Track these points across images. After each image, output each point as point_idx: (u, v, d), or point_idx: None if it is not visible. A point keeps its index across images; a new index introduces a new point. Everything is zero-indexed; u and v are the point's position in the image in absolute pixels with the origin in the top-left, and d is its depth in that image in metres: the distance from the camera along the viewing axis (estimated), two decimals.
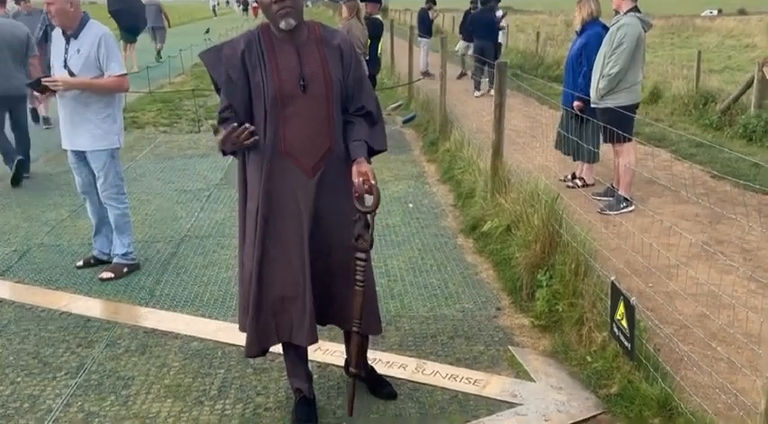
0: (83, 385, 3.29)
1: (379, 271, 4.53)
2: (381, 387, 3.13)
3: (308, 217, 2.68)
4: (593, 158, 6.15)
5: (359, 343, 2.82)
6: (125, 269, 4.55)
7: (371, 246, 2.70)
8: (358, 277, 2.70)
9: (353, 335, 2.79)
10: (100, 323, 3.91)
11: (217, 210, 5.98)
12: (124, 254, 4.58)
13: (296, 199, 2.69)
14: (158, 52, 17.68)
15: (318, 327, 2.87)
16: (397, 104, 10.93)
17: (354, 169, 2.67)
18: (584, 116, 5.73)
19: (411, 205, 6.06)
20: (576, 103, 5.87)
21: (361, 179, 2.63)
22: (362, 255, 2.69)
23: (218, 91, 2.74)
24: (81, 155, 4.42)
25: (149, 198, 6.37)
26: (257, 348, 2.85)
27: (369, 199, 2.66)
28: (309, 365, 3.13)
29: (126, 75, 4.35)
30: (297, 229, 2.70)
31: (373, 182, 2.63)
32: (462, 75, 13.89)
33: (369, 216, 2.66)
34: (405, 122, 9.72)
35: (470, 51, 12.76)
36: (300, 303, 2.73)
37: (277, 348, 3.02)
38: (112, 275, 4.50)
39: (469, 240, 5.15)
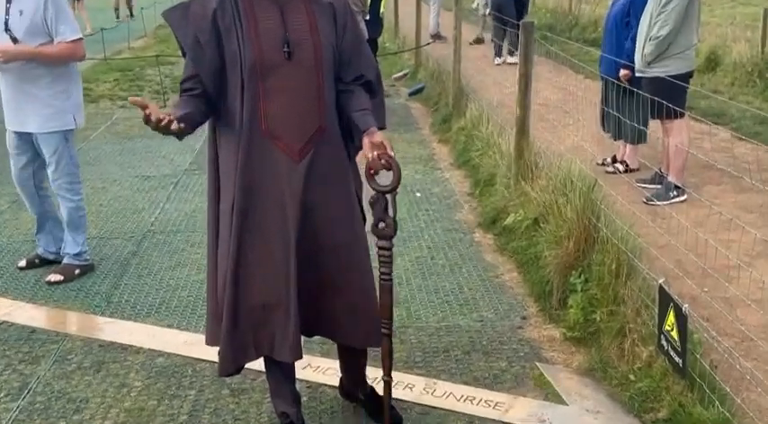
0: (27, 409, 3.30)
1: None
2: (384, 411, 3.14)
3: (295, 210, 2.68)
4: (638, 138, 6.14)
5: (388, 349, 2.86)
6: (77, 271, 4.56)
7: (396, 232, 2.71)
8: (383, 270, 2.74)
9: (384, 339, 2.84)
10: (47, 335, 3.92)
11: (186, 200, 5.99)
12: (77, 254, 4.59)
13: (280, 188, 2.68)
14: (130, 11, 17.88)
15: (307, 340, 2.88)
16: (402, 73, 10.93)
17: (366, 141, 2.66)
18: (630, 87, 5.71)
19: (419, 194, 6.07)
20: (622, 72, 5.85)
21: (376, 153, 2.62)
22: (386, 243, 2.71)
23: (184, 55, 2.73)
24: (27, 138, 4.42)
25: (105, 185, 6.38)
26: (233, 365, 2.85)
27: (387, 176, 2.65)
28: (297, 385, 3.14)
29: (81, 39, 4.34)
30: (281, 223, 2.69)
31: (392, 154, 2.62)
32: (478, 40, 13.81)
33: (389, 196, 2.67)
34: (411, 94, 9.72)
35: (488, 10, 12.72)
36: (284, 311, 2.73)
37: (258, 365, 3.03)
38: (61, 278, 4.51)
39: (489, 236, 5.15)
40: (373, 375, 3.40)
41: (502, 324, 3.98)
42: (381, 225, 2.70)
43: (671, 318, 3.12)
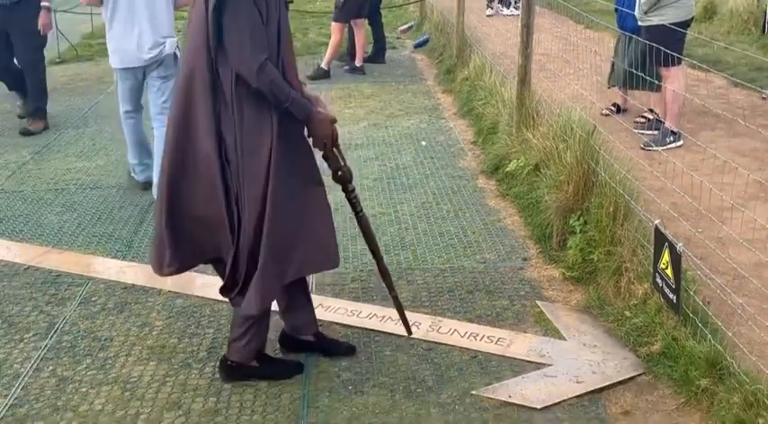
0: (54, 347, 3.35)
1: (388, 219, 4.56)
2: (335, 347, 3.22)
3: None
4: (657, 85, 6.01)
5: (384, 268, 3.14)
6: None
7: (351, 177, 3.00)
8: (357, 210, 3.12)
9: (377, 262, 3.14)
10: (71, 279, 3.97)
11: None
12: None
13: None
14: None
15: (319, 282, 2.90)
16: (407, 26, 10.79)
17: None
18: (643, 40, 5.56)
19: (424, 142, 6.04)
20: None
21: None
22: (350, 186, 3.05)
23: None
24: None
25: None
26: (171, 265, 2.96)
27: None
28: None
29: None
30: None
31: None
32: None
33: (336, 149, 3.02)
34: (416, 46, 9.61)
35: None
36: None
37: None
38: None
39: (492, 181, 5.14)
40: (382, 313, 3.45)
41: (504, 265, 4.00)
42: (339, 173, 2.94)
43: (666, 257, 3.12)
